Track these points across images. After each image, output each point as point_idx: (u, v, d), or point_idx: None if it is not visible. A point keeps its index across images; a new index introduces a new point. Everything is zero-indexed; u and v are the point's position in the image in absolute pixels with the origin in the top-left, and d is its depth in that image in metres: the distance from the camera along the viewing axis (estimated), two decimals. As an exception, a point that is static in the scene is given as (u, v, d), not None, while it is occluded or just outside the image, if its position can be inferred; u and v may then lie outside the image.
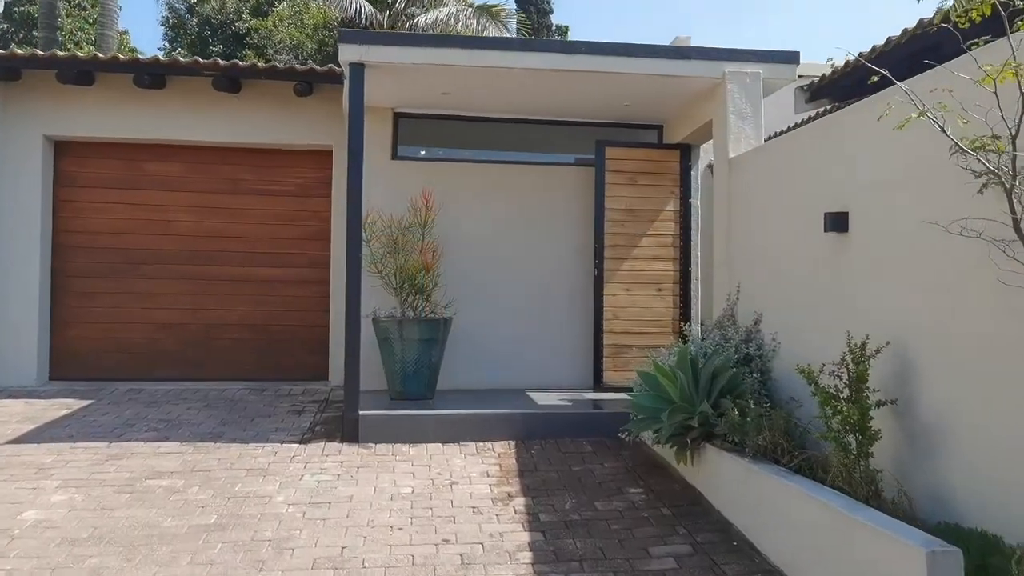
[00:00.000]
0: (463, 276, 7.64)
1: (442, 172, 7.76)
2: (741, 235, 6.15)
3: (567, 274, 7.93)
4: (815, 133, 5.00)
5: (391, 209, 7.34)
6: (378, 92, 7.10)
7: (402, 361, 6.77)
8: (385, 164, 7.67)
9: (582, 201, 7.95)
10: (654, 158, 7.78)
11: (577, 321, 7.90)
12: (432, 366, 6.89)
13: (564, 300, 7.91)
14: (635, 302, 7.67)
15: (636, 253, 7.69)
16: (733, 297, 6.20)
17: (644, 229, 7.71)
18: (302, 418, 6.71)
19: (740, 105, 6.41)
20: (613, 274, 7.63)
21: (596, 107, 7.62)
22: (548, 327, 7.87)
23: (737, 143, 6.38)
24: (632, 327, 7.65)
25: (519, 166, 7.96)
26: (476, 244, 7.75)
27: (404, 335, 6.73)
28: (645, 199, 7.73)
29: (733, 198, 6.31)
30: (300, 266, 8.47)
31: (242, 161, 8.46)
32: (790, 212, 5.23)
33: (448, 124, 8.02)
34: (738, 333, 5.72)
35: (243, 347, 8.36)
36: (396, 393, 6.86)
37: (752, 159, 6.05)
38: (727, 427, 4.63)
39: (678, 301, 7.75)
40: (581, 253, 7.93)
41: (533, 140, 8.33)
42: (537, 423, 6.29)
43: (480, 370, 7.69)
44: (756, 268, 5.85)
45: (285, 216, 8.50)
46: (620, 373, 7.59)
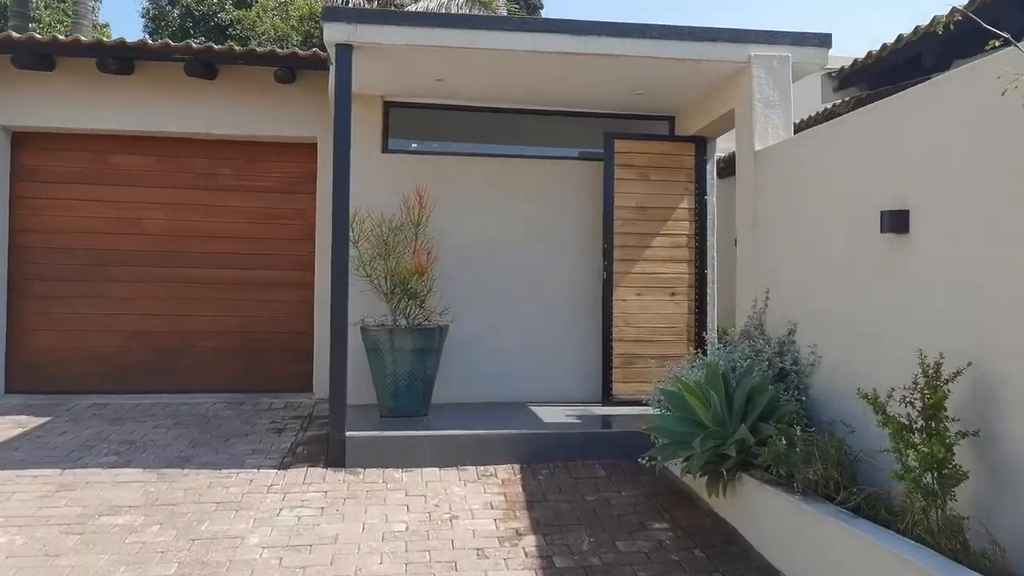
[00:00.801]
0: (460, 280, 7.02)
1: (437, 167, 7.12)
2: (769, 236, 5.55)
3: (573, 277, 7.31)
4: (867, 119, 4.40)
5: (381, 207, 6.70)
6: (367, 78, 6.45)
7: (393, 374, 6.13)
8: (375, 158, 7.02)
9: (589, 198, 7.33)
10: (667, 151, 7.17)
11: (584, 328, 7.28)
12: (426, 379, 6.26)
13: (570, 306, 7.30)
14: (647, 308, 7.06)
15: (648, 254, 7.08)
16: (760, 304, 5.60)
17: (656, 228, 7.11)
18: (282, 438, 6.06)
19: (767, 92, 5.81)
20: (623, 277, 7.02)
21: (604, 96, 7.00)
22: (552, 335, 7.25)
23: (764, 134, 5.77)
24: (644, 335, 7.04)
25: (520, 160, 7.33)
26: (474, 245, 7.12)
27: (395, 345, 6.09)
28: (657, 196, 7.12)
29: (760, 195, 5.71)
30: (283, 268, 7.82)
31: (219, 154, 7.80)
32: (834, 210, 4.63)
33: (443, 115, 7.38)
34: (769, 345, 5.12)
35: (220, 356, 7.69)
36: (387, 409, 6.22)
37: (783, 152, 5.45)
38: (771, 457, 4.02)
39: (693, 307, 7.15)
40: (588, 254, 7.32)
41: (535, 132, 7.70)
42: (544, 444, 5.67)
43: (478, 382, 7.06)
44: (788, 272, 5.25)
45: (266, 214, 7.83)
46: (631, 385, 6.99)
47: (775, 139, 5.75)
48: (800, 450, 3.91)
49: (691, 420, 4.51)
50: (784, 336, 5.20)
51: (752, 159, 5.79)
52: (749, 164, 5.84)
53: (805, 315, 5.01)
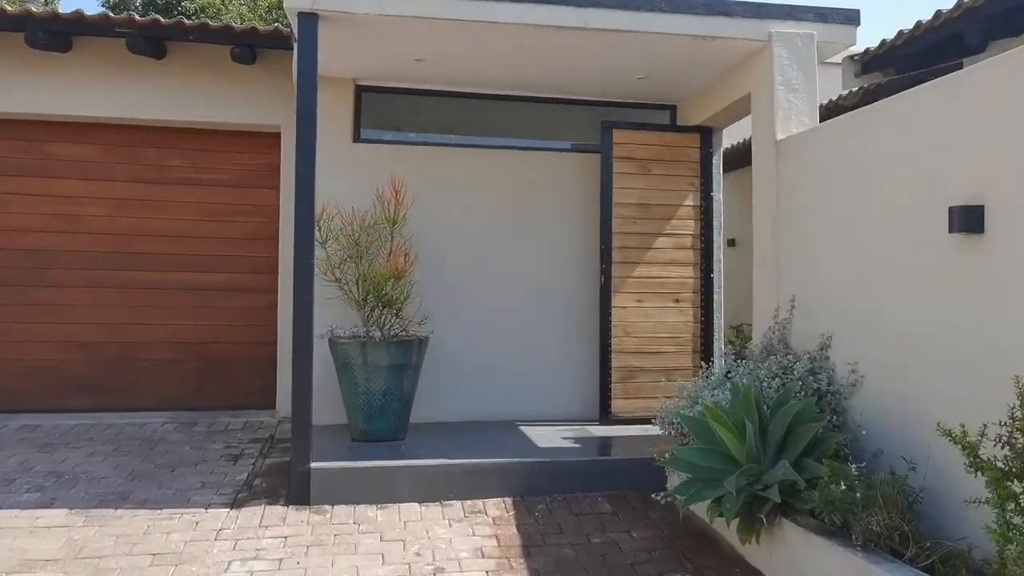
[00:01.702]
0: (441, 285, 6.28)
1: (416, 158, 6.37)
2: (795, 236, 4.90)
3: (567, 282, 6.61)
4: (930, 98, 3.75)
5: (353, 202, 5.95)
6: (336, 57, 5.70)
7: (366, 393, 5.38)
8: (345, 148, 6.26)
9: (585, 194, 6.64)
10: (670, 143, 6.50)
11: (579, 339, 6.59)
12: (404, 398, 5.51)
13: (564, 314, 6.59)
14: (649, 316, 6.38)
15: (650, 257, 6.40)
16: (784, 314, 4.95)
17: (659, 228, 6.43)
18: (238, 466, 5.27)
19: (790, 74, 5.15)
20: (622, 282, 6.34)
21: (602, 82, 6.31)
22: (544, 347, 6.54)
23: (786, 122, 5.12)
24: (645, 346, 6.36)
25: (509, 152, 6.60)
26: (457, 246, 6.39)
27: (368, 360, 5.34)
28: (660, 192, 6.45)
29: (783, 190, 5.05)
30: (242, 271, 7.02)
31: (171, 143, 6.98)
32: (884, 207, 3.97)
33: (423, 101, 6.63)
34: (800, 362, 4.46)
35: (171, 370, 6.87)
36: (359, 432, 5.47)
37: (814, 140, 4.79)
38: (823, 502, 3.35)
39: (699, 315, 6.48)
40: (584, 257, 6.62)
41: (525, 121, 6.98)
42: (540, 474, 4.96)
43: (463, 399, 6.33)
44: (820, 278, 4.59)
45: (224, 211, 7.03)
46: (631, 402, 6.31)
47: (799, 127, 5.10)
48: (860, 495, 3.24)
49: (719, 453, 3.83)
50: (815, 351, 4.55)
51: (773, 149, 5.13)
52: (769, 155, 5.18)
53: (842, 327, 4.35)
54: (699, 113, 6.51)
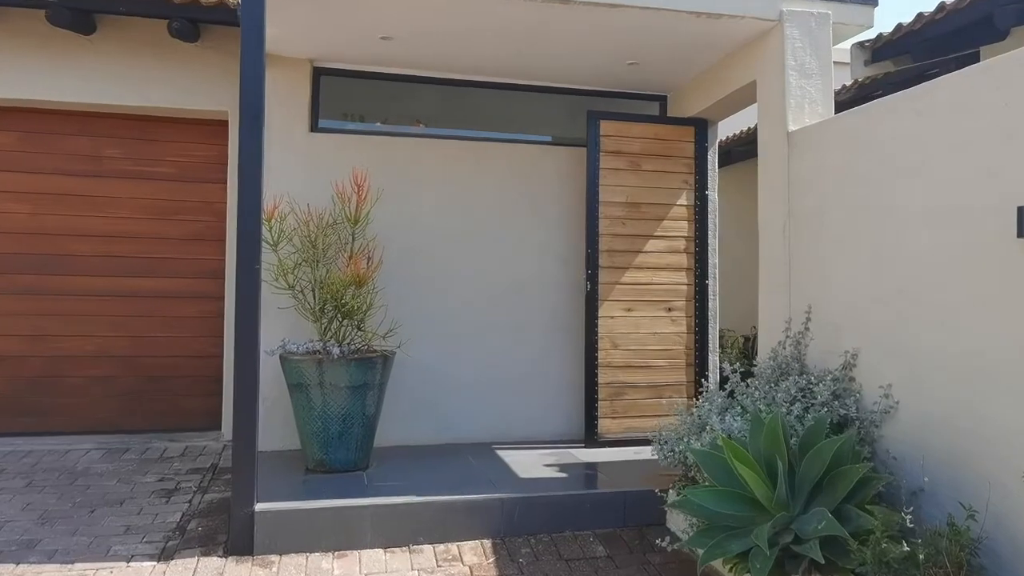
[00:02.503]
0: (410, 293, 5.62)
1: (382, 151, 5.69)
2: (810, 240, 4.34)
3: (550, 289, 5.99)
4: (985, 82, 3.21)
5: (310, 199, 5.27)
6: (290, 34, 5.03)
7: (323, 417, 4.69)
8: (301, 137, 5.56)
9: (570, 192, 6.03)
10: (663, 136, 5.92)
11: (562, 352, 5.97)
12: (367, 422, 4.83)
13: (546, 324, 5.97)
14: (639, 326, 5.79)
15: (640, 261, 5.81)
16: (798, 326, 4.39)
17: (650, 229, 5.84)
18: (172, 504, 4.54)
19: (803, 58, 4.60)
20: (610, 289, 5.74)
21: (588, 68, 5.69)
22: (524, 361, 5.91)
23: (799, 111, 4.57)
24: (635, 359, 5.77)
25: (486, 145, 5.94)
26: (428, 249, 5.73)
27: (326, 380, 4.66)
28: (651, 190, 5.86)
29: (795, 188, 4.49)
30: (185, 276, 6.26)
31: (105, 131, 6.20)
32: (930, 207, 3.42)
33: (391, 87, 5.95)
34: (822, 383, 3.89)
35: (102, 388, 6.09)
36: (315, 462, 4.78)
37: (834, 132, 4.23)
38: (876, 563, 2.76)
39: (693, 325, 5.91)
40: (568, 261, 6.01)
41: (504, 111, 6.35)
42: (522, 511, 4.32)
43: (433, 419, 5.68)
44: (842, 288, 4.04)
45: (166, 208, 6.27)
46: (620, 421, 5.71)
47: (813, 117, 4.55)
48: (923, 555, 2.67)
49: (740, 497, 3.23)
50: (837, 371, 3.99)
51: (784, 142, 4.57)
52: (779, 149, 4.62)
53: (871, 344, 3.80)
54: (693, 104, 5.93)
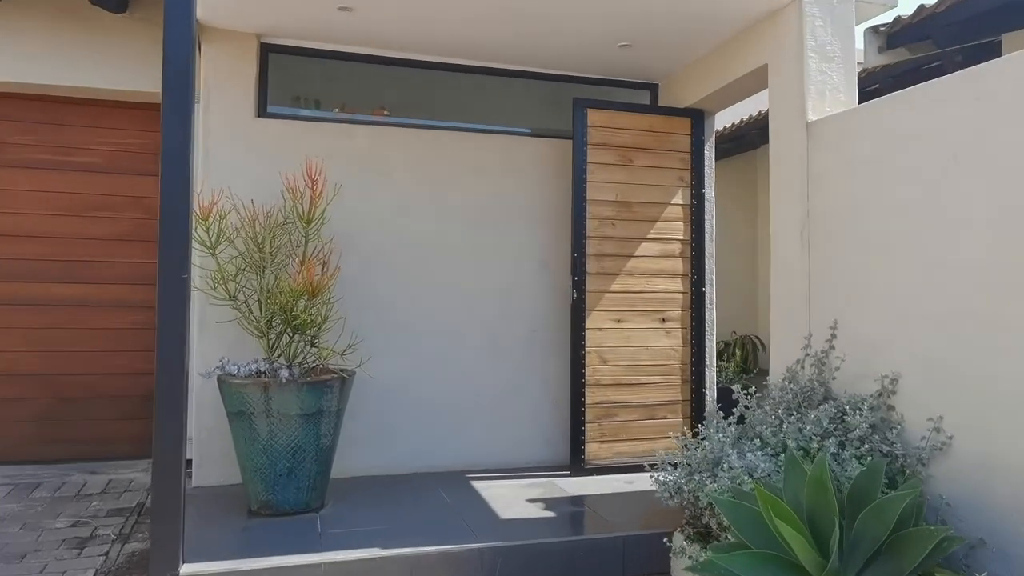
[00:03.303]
0: (372, 303, 4.93)
1: (340, 140, 4.98)
2: (835, 244, 3.78)
3: (530, 298, 5.35)
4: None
5: (256, 194, 4.56)
6: (234, 3, 4.30)
7: (269, 451, 3.98)
8: (246, 124, 4.81)
9: (552, 189, 5.41)
10: (656, 128, 5.32)
11: (544, 369, 5.34)
12: (321, 455, 4.13)
13: (525, 337, 5.33)
14: (630, 339, 5.19)
15: (631, 267, 5.21)
16: (821, 344, 3.83)
17: (643, 231, 5.25)
18: (83, 559, 3.77)
19: (824, 39, 4.05)
20: (599, 298, 5.13)
21: (576, 49, 5.06)
22: (502, 379, 5.26)
23: (820, 99, 4.01)
24: (625, 376, 5.17)
25: (459, 136, 5.27)
26: (392, 253, 5.04)
27: (273, 407, 3.94)
28: (643, 187, 5.27)
29: (816, 185, 3.93)
30: (111, 282, 5.47)
31: (13, 113, 5.37)
32: (992, 209, 2.87)
33: (350, 68, 5.24)
34: (859, 414, 3.33)
35: (10, 411, 5.26)
36: (259, 503, 4.06)
37: (868, 121, 3.66)
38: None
39: (689, 336, 5.33)
40: (550, 266, 5.39)
41: (479, 98, 5.68)
42: (504, 564, 3.66)
43: (399, 446, 4.99)
44: (878, 300, 3.48)
45: (89, 203, 5.46)
46: (609, 445, 5.11)
47: (835, 106, 4.01)
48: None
49: (781, 563, 2.62)
50: (872, 398, 3.43)
51: (802, 134, 4.01)
52: (796, 142, 4.06)
53: (917, 367, 3.25)
54: (688, 93, 5.35)
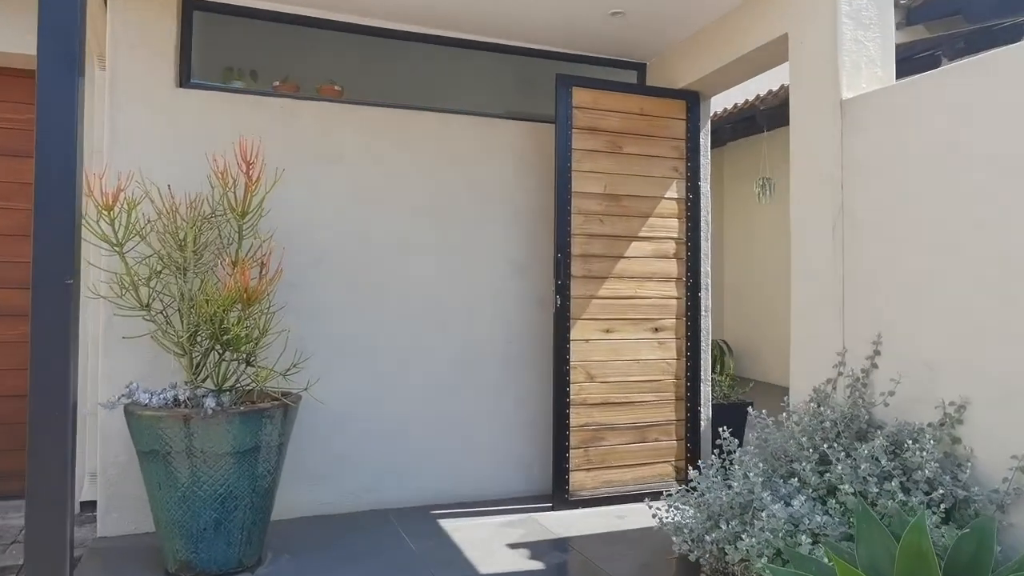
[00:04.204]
0: (320, 312, 4.16)
1: (281, 120, 4.20)
2: (883, 245, 3.19)
3: (505, 305, 4.65)
4: None
5: (176, 180, 3.75)
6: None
7: (191, 499, 3.18)
8: (164, 95, 3.98)
9: (529, 180, 4.72)
10: (649, 111, 4.69)
11: (521, 386, 4.66)
12: (258, 500, 3.35)
13: (499, 351, 4.63)
14: (620, 352, 4.54)
15: (621, 269, 4.56)
16: (860, 361, 3.24)
17: (634, 229, 4.61)
18: (-55, 648, 2.93)
19: (859, 2, 3.45)
20: (585, 305, 4.46)
21: (559, 17, 4.38)
22: (472, 397, 4.55)
23: (855, 73, 3.42)
24: (614, 394, 4.52)
25: (421, 117, 4.53)
26: (344, 252, 4.28)
27: (197, 445, 3.15)
28: (635, 179, 4.63)
29: (852, 174, 3.34)
30: (4, 286, 4.56)
31: None
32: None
33: (293, 33, 4.44)
34: (921, 447, 2.73)
35: None
36: (178, 563, 3.25)
37: (929, 97, 3.06)
38: None
39: (684, 347, 4.71)
40: (526, 269, 4.70)
41: (445, 73, 4.95)
42: (492, 638, 2.97)
43: (353, 479, 4.24)
44: (944, 312, 2.90)
45: (-25, 192, 4.55)
46: (596, 473, 4.45)
47: (871, 81, 3.42)
48: None
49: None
50: (933, 428, 2.85)
51: (835, 114, 3.41)
52: (827, 122, 3.46)
53: (993, 393, 2.68)
54: (683, 73, 4.73)
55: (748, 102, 7.99)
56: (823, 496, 2.92)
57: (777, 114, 8.45)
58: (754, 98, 7.95)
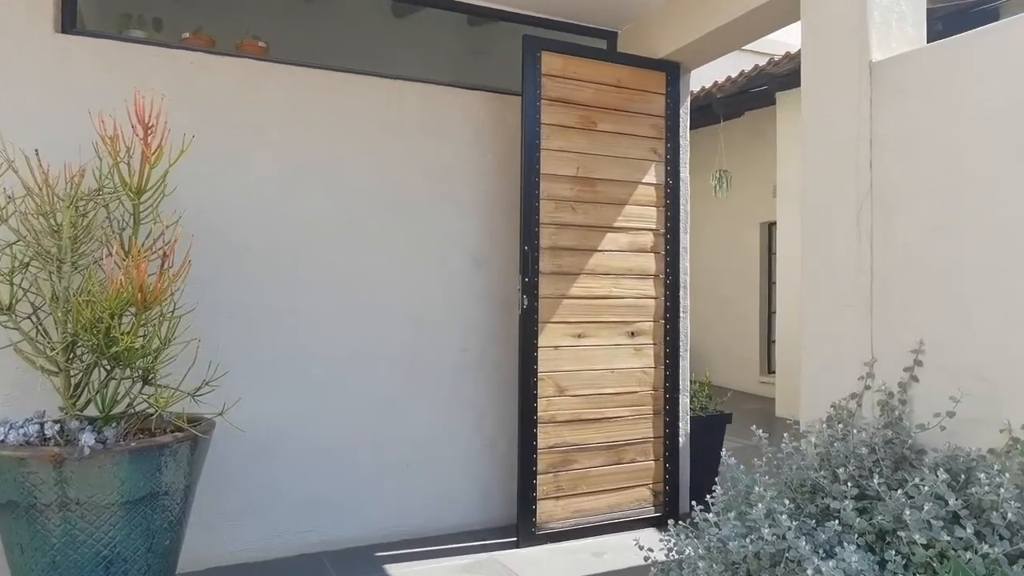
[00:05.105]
0: (239, 315, 3.41)
1: (190, 79, 3.41)
2: (928, 233, 2.70)
3: (461, 306, 3.99)
4: None
5: (49, 144, 2.93)
6: None
7: (62, 564, 2.41)
8: (40, 41, 3.15)
9: (488, 160, 4.08)
10: (626, 83, 4.11)
11: (478, 400, 4.01)
12: (155, 562, 2.60)
13: (454, 359, 3.96)
14: (593, 360, 3.95)
15: (595, 264, 3.97)
16: (895, 373, 2.74)
17: (609, 218, 4.03)
18: None
19: (888, -47, 2.96)
20: (554, 306, 3.85)
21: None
22: (423, 415, 3.88)
23: (885, 31, 2.92)
24: (587, 409, 3.93)
25: (363, 82, 3.81)
26: (269, 242, 3.53)
27: (72, 494, 2.38)
28: (610, 160, 4.04)
29: (888, 151, 2.83)
30: None
31: None
32: None
33: (204, -21, 3.68)
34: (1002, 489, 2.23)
35: None
36: (49, 649, 2.48)
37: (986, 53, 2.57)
38: None
39: (663, 354, 4.16)
40: (488, 264, 4.06)
41: (390, 34, 4.24)
42: None
43: (281, 517, 3.50)
44: (1008, 315, 2.42)
45: None
46: (567, 502, 3.85)
47: (902, 42, 2.94)
48: None
49: None
50: (998, 457, 2.36)
51: (861, 80, 2.91)
52: (851, 90, 2.95)
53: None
54: (661, 42, 4.18)
55: (705, 90, 7.56)
56: (870, 543, 2.39)
57: (734, 103, 8.09)
58: (711, 85, 7.53)
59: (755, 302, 9.19)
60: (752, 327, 9.18)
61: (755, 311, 9.17)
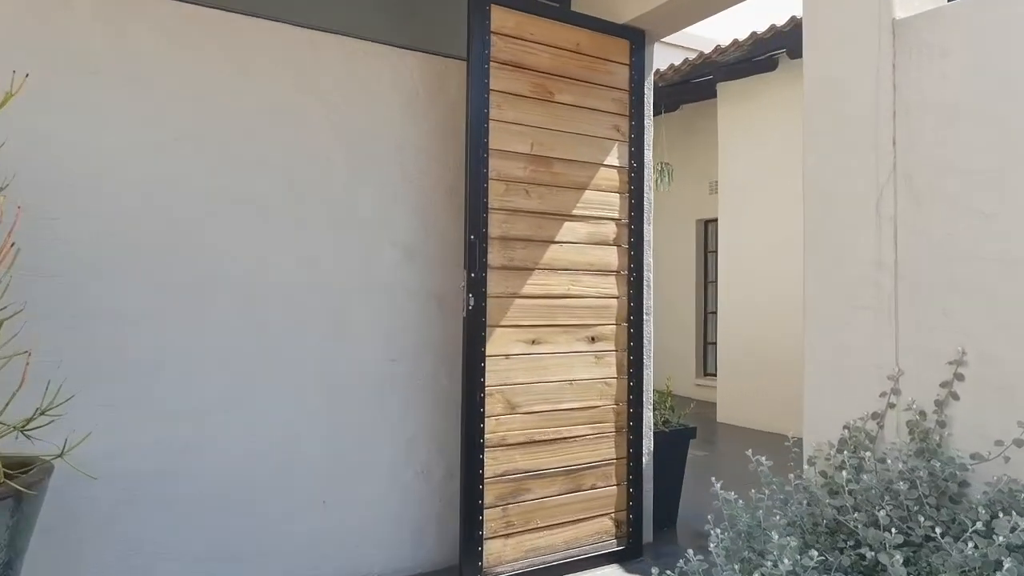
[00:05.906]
0: (91, 320, 2.62)
1: (36, 6, 2.60)
2: (970, 223, 2.22)
3: (387, 308, 3.30)
4: None
5: None
6: None
7: None
8: None
9: (423, 132, 3.41)
10: (586, 49, 3.52)
11: (408, 420, 3.34)
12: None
13: (381, 372, 3.27)
14: (548, 371, 3.35)
15: (551, 258, 3.37)
16: (934, 389, 2.26)
17: (567, 204, 3.43)
18: None
19: None
20: (505, 307, 3.22)
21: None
22: (337, 439, 3.16)
23: (913, -16, 2.44)
24: (541, 428, 3.32)
25: (269, 29, 3.07)
26: (135, 225, 2.75)
27: None
28: (569, 137, 3.45)
29: (919, 123, 2.35)
30: None
31: None
32: None
33: None
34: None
35: None
36: None
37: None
38: None
39: (626, 362, 3.60)
40: (422, 255, 3.39)
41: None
42: None
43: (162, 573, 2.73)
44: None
45: None
46: (520, 539, 3.23)
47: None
48: None
49: None
50: (1079, 494, 1.89)
51: (883, 41, 2.41)
52: (870, 53, 2.45)
53: None
54: (623, 5, 3.62)
55: (646, 77, 7.11)
56: (929, 607, 1.88)
57: (673, 93, 7.70)
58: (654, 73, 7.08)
59: (691, 301, 8.83)
60: (688, 327, 8.82)
61: (691, 311, 8.82)
